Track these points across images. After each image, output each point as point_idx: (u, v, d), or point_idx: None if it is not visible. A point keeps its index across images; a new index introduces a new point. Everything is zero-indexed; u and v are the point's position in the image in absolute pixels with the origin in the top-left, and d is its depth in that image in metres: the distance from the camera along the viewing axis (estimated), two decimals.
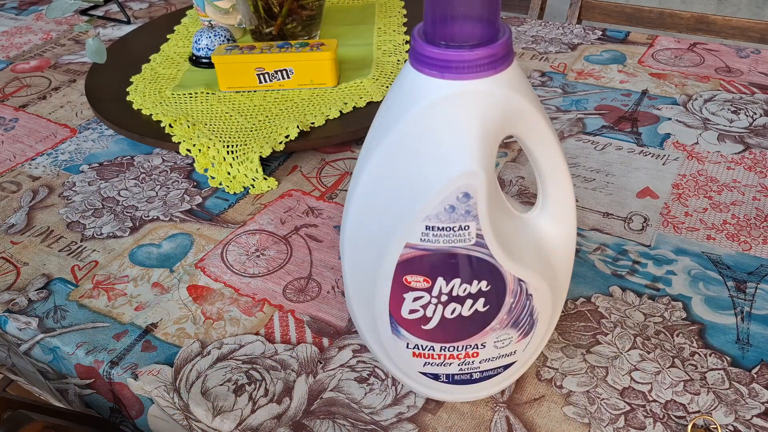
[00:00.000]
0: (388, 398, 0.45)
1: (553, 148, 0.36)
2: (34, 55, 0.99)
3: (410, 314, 0.38)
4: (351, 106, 0.74)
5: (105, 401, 0.52)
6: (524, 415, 0.44)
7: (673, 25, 1.07)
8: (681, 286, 0.52)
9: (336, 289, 0.54)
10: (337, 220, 0.61)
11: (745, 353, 0.47)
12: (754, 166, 0.65)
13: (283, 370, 0.47)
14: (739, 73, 0.81)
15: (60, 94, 0.87)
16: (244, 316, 0.52)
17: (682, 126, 0.72)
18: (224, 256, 0.58)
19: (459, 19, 0.32)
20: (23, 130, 0.80)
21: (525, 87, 0.34)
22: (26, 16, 1.14)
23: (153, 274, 0.57)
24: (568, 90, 0.80)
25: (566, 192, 0.38)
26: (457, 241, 0.35)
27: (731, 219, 0.58)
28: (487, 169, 0.33)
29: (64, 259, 0.59)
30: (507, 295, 0.37)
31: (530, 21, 0.99)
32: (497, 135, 0.34)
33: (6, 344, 0.56)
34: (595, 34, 0.93)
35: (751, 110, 0.74)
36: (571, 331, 0.49)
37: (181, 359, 0.49)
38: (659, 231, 0.58)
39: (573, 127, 0.73)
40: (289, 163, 0.70)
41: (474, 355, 0.40)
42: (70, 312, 0.53)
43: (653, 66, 0.84)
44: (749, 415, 0.43)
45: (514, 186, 0.64)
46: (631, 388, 0.45)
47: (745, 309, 0.50)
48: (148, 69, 0.85)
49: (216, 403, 0.45)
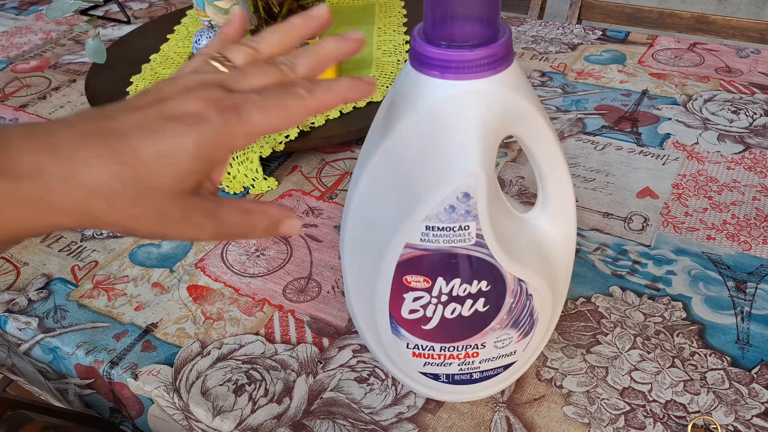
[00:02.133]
0: (388, 398, 0.45)
1: (553, 148, 0.36)
2: (34, 55, 0.99)
3: (410, 314, 0.38)
4: (351, 106, 0.74)
5: (105, 401, 0.52)
6: (524, 415, 0.44)
7: (673, 25, 1.07)
8: (681, 286, 0.52)
9: (336, 289, 0.54)
10: (337, 220, 0.61)
11: (745, 353, 0.47)
12: (754, 166, 0.65)
13: (283, 370, 0.47)
14: (739, 73, 0.81)
15: (60, 94, 0.87)
16: (244, 316, 0.52)
17: (682, 126, 0.72)
18: (224, 256, 0.58)
19: (459, 19, 0.32)
20: None
21: (525, 87, 0.34)
22: (26, 16, 1.14)
23: (153, 274, 0.57)
24: (568, 90, 0.80)
25: (566, 192, 0.38)
26: (457, 241, 0.35)
27: (731, 219, 0.58)
28: (487, 169, 0.33)
29: (64, 259, 0.59)
30: (507, 295, 0.37)
31: (530, 21, 0.99)
32: (497, 135, 0.34)
33: (6, 344, 0.56)
34: (595, 34, 0.93)
35: (751, 110, 0.74)
36: (571, 331, 0.49)
37: (181, 359, 0.49)
38: (659, 231, 0.58)
39: (573, 127, 0.73)
40: (289, 163, 0.70)
41: (474, 355, 0.40)
42: (70, 312, 0.53)
43: (653, 66, 0.84)
44: (749, 415, 0.43)
45: (514, 186, 0.64)
46: (631, 388, 0.45)
47: (745, 309, 0.50)
48: (148, 69, 0.85)
49: (216, 403, 0.45)
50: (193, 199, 0.28)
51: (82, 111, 0.29)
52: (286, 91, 0.29)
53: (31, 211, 0.26)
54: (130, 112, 0.28)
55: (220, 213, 0.29)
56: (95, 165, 0.26)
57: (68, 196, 0.26)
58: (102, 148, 0.26)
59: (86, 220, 0.27)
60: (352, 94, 0.30)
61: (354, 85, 0.30)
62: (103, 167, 0.26)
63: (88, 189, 0.26)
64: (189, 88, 0.29)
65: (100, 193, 0.26)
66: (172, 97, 0.28)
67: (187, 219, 0.28)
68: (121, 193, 0.26)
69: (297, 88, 0.29)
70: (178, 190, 0.27)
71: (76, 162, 0.26)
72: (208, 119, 0.27)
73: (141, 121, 0.27)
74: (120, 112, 0.28)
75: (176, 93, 0.28)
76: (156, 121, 0.27)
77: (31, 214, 0.26)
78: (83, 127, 0.27)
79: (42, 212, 0.26)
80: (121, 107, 0.28)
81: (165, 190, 0.27)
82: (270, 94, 0.28)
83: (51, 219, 0.27)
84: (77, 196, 0.26)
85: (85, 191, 0.26)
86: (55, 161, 0.26)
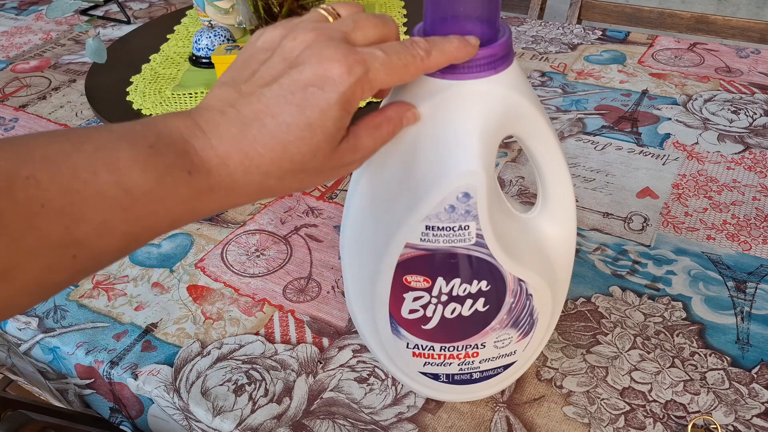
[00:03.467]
0: (388, 398, 0.45)
1: (553, 148, 0.36)
2: (34, 55, 0.99)
3: (410, 314, 0.38)
4: None
5: (105, 401, 0.52)
6: (524, 415, 0.44)
7: (673, 25, 1.07)
8: (681, 286, 0.52)
9: (336, 289, 0.54)
10: (337, 220, 0.61)
11: (745, 353, 0.47)
12: (754, 166, 0.65)
13: (283, 370, 0.47)
14: (739, 73, 0.81)
15: (60, 94, 0.87)
16: (244, 316, 0.52)
17: (682, 126, 0.72)
18: (224, 256, 0.58)
19: (459, 19, 0.32)
20: (23, 130, 0.80)
21: (525, 87, 0.34)
22: (26, 16, 1.14)
23: (153, 274, 0.57)
24: (568, 90, 0.80)
25: (566, 192, 0.38)
26: (457, 241, 0.35)
27: (731, 219, 0.58)
28: (487, 169, 0.33)
29: None
30: (507, 295, 0.37)
31: (530, 21, 0.99)
32: (497, 135, 0.34)
33: (6, 344, 0.56)
34: (595, 34, 0.93)
35: (751, 110, 0.74)
36: (571, 331, 0.49)
37: (181, 359, 0.49)
38: (659, 231, 0.58)
39: (573, 127, 0.73)
40: None
41: (474, 355, 0.40)
42: (70, 312, 0.53)
43: (653, 66, 0.84)
44: (749, 415, 0.43)
45: (514, 186, 0.64)
46: (631, 388, 0.45)
47: (745, 309, 0.50)
48: (148, 69, 0.85)
49: (216, 403, 0.45)
50: (341, 146, 0.30)
51: (222, 92, 0.30)
52: (407, 51, 0.30)
53: (221, 197, 0.29)
54: (267, 86, 0.29)
55: (359, 142, 0.31)
56: (264, 152, 0.29)
57: (249, 182, 0.29)
58: (264, 135, 0.28)
59: (261, 196, 0.31)
60: (462, 56, 0.31)
61: (462, 47, 0.31)
62: (271, 152, 0.29)
63: (263, 172, 0.29)
64: (312, 44, 0.29)
65: (273, 174, 0.29)
66: (301, 60, 0.29)
67: (341, 164, 0.31)
68: (288, 169, 0.29)
69: (417, 49, 0.30)
70: (331, 148, 0.30)
71: (248, 152, 0.28)
72: (343, 81, 0.29)
73: (284, 96, 0.29)
74: (258, 87, 0.29)
75: (302, 51, 0.29)
76: (298, 94, 0.29)
77: (219, 202, 0.29)
78: (236, 116, 0.29)
79: (228, 198, 0.29)
80: (256, 81, 0.30)
81: (321, 154, 0.29)
82: (393, 54, 0.30)
83: (234, 202, 0.30)
84: (256, 180, 0.29)
85: (261, 175, 0.29)
86: (232, 153, 0.28)
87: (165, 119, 0.29)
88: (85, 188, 0.25)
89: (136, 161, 0.27)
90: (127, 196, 0.26)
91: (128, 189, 0.26)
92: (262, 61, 0.30)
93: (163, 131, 0.28)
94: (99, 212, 0.26)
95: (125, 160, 0.26)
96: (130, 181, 0.26)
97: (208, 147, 0.28)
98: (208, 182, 0.28)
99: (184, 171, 0.28)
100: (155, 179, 0.27)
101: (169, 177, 0.27)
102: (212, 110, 0.29)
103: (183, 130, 0.28)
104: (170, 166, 0.27)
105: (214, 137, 0.28)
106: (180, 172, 0.27)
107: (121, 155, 0.26)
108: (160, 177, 0.27)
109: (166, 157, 0.27)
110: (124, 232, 0.27)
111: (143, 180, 0.27)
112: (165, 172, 0.27)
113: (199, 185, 0.28)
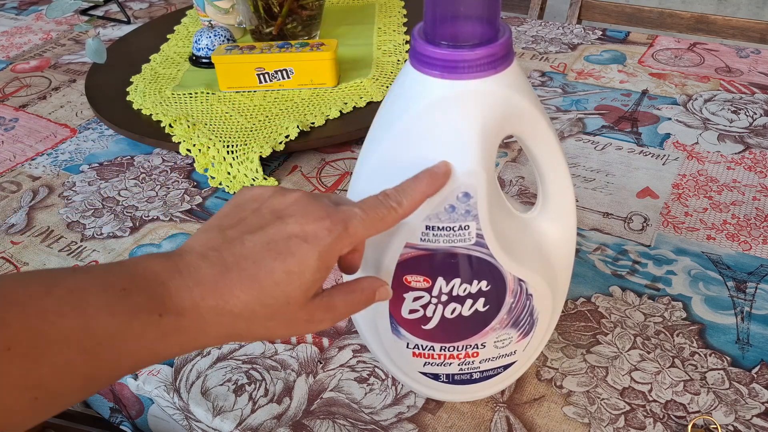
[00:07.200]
0: (388, 398, 0.45)
1: (553, 148, 0.36)
2: (34, 55, 0.99)
3: (410, 314, 0.38)
4: (351, 106, 0.74)
5: (105, 401, 0.52)
6: (524, 415, 0.44)
7: (673, 25, 1.07)
8: (681, 286, 0.52)
9: None
10: None
11: (745, 353, 0.47)
12: (754, 166, 0.65)
13: (283, 370, 0.47)
14: (739, 73, 0.81)
15: (60, 94, 0.87)
16: None
17: (682, 126, 0.72)
18: None
19: (459, 18, 0.32)
20: (23, 130, 0.80)
21: (525, 87, 0.34)
22: (26, 16, 1.15)
23: None
24: (568, 90, 0.80)
25: (566, 192, 0.38)
26: (457, 241, 0.35)
27: (731, 219, 0.58)
28: (487, 168, 0.33)
29: (65, 259, 0.59)
30: (507, 295, 0.37)
31: (530, 21, 0.99)
32: (497, 135, 0.34)
33: None
34: (595, 34, 0.93)
35: (751, 110, 0.74)
36: (571, 331, 0.49)
37: (181, 359, 0.49)
38: (659, 231, 0.58)
39: (573, 127, 0.73)
40: (289, 163, 0.70)
41: (474, 355, 0.40)
42: None
43: (653, 66, 0.84)
44: (749, 415, 0.43)
45: (514, 186, 0.64)
46: (631, 388, 0.45)
47: (745, 309, 0.50)
48: (148, 69, 0.85)
49: (216, 403, 0.45)
50: (314, 301, 0.31)
51: (206, 236, 0.31)
52: (381, 204, 0.32)
53: (188, 340, 0.29)
54: (252, 233, 0.31)
55: (332, 303, 0.32)
56: (240, 294, 0.29)
57: (219, 324, 0.29)
58: (242, 279, 0.29)
59: (229, 339, 0.31)
60: (433, 191, 0.33)
61: (432, 182, 0.33)
62: (246, 294, 0.29)
63: (235, 315, 0.29)
64: (299, 200, 0.32)
65: (244, 316, 0.30)
66: (287, 213, 0.31)
67: (312, 319, 0.32)
68: (260, 313, 0.30)
69: (389, 201, 0.32)
70: (305, 299, 0.31)
71: (223, 294, 0.29)
72: (324, 236, 0.30)
73: (267, 243, 0.30)
74: (244, 234, 0.31)
75: (289, 206, 0.31)
76: (281, 242, 0.30)
77: (187, 343, 0.30)
78: (218, 258, 0.30)
79: (196, 340, 0.30)
80: (242, 228, 0.31)
81: (295, 303, 0.30)
82: (369, 210, 0.32)
83: (201, 343, 0.30)
84: (226, 323, 0.29)
85: (233, 317, 0.29)
86: (207, 296, 0.29)
87: (145, 261, 0.30)
88: (50, 330, 0.26)
89: (107, 304, 0.27)
90: (91, 338, 0.26)
91: (94, 332, 0.26)
92: (252, 210, 0.32)
93: (140, 273, 0.29)
94: (62, 354, 0.26)
95: (95, 304, 0.27)
96: (98, 324, 0.27)
97: (184, 288, 0.29)
98: (177, 324, 0.28)
99: (155, 314, 0.28)
100: (123, 322, 0.27)
101: (137, 320, 0.27)
102: (193, 253, 0.30)
103: (160, 273, 0.29)
104: (140, 309, 0.28)
105: (192, 279, 0.29)
106: (149, 315, 0.28)
107: (91, 299, 0.27)
108: (128, 320, 0.27)
109: (138, 299, 0.28)
110: (86, 374, 0.27)
111: (110, 323, 0.27)
112: (133, 315, 0.27)
113: (168, 327, 0.28)
